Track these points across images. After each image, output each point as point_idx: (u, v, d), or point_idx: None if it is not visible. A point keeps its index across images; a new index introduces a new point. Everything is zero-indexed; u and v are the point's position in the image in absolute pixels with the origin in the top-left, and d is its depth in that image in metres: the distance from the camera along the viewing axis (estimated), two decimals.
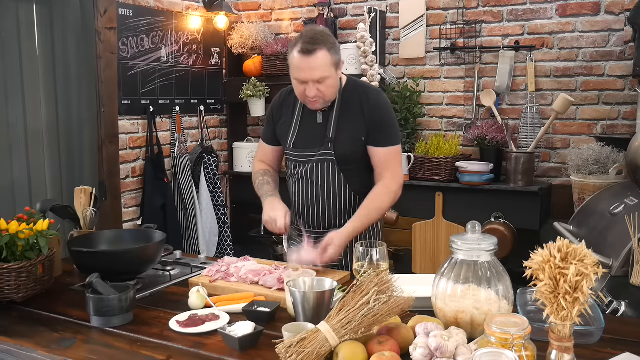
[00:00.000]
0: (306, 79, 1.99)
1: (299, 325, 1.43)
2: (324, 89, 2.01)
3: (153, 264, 1.95)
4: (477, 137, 3.65)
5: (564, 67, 3.53)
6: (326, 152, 2.13)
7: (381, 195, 2.09)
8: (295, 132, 2.19)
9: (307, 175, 2.17)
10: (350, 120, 2.11)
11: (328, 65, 1.98)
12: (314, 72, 1.97)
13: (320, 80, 1.98)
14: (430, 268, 3.68)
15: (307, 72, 1.97)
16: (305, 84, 2.00)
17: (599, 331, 1.45)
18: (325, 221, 2.19)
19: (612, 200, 2.60)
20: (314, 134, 2.15)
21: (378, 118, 2.11)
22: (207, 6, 4.12)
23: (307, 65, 1.96)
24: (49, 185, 3.37)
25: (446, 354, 1.26)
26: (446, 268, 1.50)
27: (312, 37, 1.97)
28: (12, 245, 1.75)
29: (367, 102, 2.12)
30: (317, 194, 2.16)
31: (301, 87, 2.03)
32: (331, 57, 1.99)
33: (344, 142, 2.11)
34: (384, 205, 2.10)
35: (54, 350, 1.46)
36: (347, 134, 2.11)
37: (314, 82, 1.99)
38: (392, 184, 2.11)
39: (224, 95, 4.37)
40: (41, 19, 3.26)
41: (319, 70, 1.97)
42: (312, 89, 2.00)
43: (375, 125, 2.10)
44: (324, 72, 1.98)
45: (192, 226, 3.93)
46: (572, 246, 1.20)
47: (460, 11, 3.75)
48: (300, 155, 2.18)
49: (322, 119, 2.15)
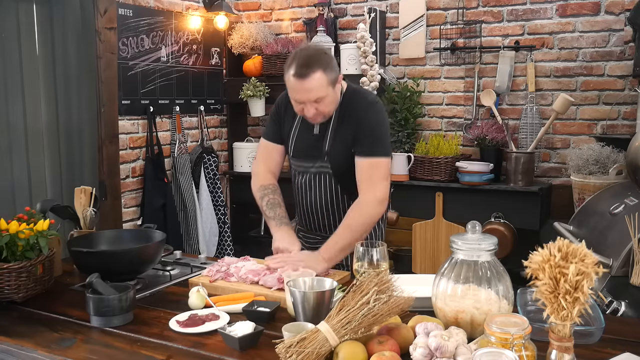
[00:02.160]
0: (302, 100, 1.97)
1: (299, 325, 1.43)
2: (322, 107, 2.00)
3: (153, 264, 1.95)
4: (477, 137, 3.65)
5: (564, 67, 3.53)
6: (322, 165, 2.14)
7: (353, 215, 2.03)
8: (294, 142, 2.19)
9: (306, 185, 2.20)
10: (345, 133, 2.08)
11: (324, 85, 1.95)
12: (310, 94, 1.95)
13: (317, 100, 1.97)
14: (430, 268, 3.68)
15: (302, 94, 1.96)
16: (303, 104, 1.99)
17: (599, 331, 1.45)
18: (324, 228, 2.22)
19: (612, 200, 2.60)
20: (310, 145, 2.15)
21: (365, 128, 2.05)
22: (207, 6, 4.12)
23: (302, 88, 1.94)
24: (49, 185, 3.37)
25: (446, 353, 1.26)
26: (446, 268, 1.50)
27: (306, 59, 1.93)
28: (12, 245, 1.75)
29: (357, 110, 2.07)
30: (316, 201, 2.19)
31: (299, 106, 2.01)
32: (326, 77, 1.95)
33: (339, 155, 2.10)
34: (354, 222, 2.02)
35: (54, 350, 1.45)
36: (343, 146, 2.09)
37: (311, 102, 1.97)
38: (366, 201, 2.03)
39: (224, 95, 4.37)
40: (41, 19, 3.26)
41: (315, 92, 1.94)
42: (310, 108, 1.99)
43: (362, 134, 2.05)
44: (320, 92, 1.95)
45: (192, 226, 3.93)
46: (572, 246, 1.20)
47: (460, 11, 3.75)
48: (298, 165, 2.21)
49: (318, 131, 2.14)
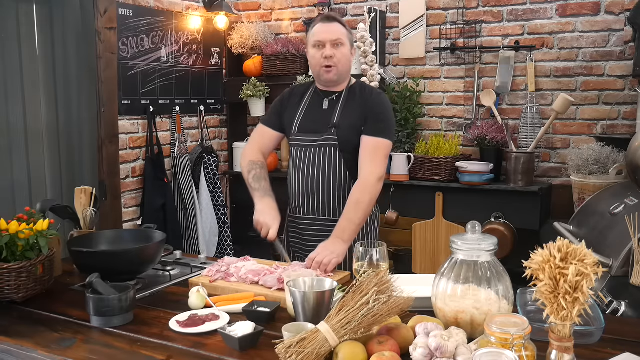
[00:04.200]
0: (325, 39, 2.18)
1: (299, 325, 1.43)
2: (339, 55, 2.19)
3: (153, 264, 1.95)
4: (477, 137, 3.65)
5: (564, 67, 3.53)
6: (329, 137, 2.23)
7: (359, 190, 2.14)
8: (301, 117, 2.30)
9: (310, 159, 2.24)
10: (353, 111, 2.23)
11: (344, 34, 2.21)
12: (332, 34, 2.18)
13: (337, 42, 2.18)
14: (430, 268, 3.68)
15: (325, 34, 2.18)
16: (323, 47, 2.18)
17: (599, 331, 1.45)
18: (324, 208, 2.25)
19: (612, 200, 2.60)
20: (319, 119, 2.26)
21: (375, 110, 2.23)
22: (207, 6, 4.12)
23: (326, 30, 2.19)
24: (49, 185, 3.37)
25: (446, 354, 1.26)
26: (446, 268, 1.50)
27: (331, 15, 2.25)
28: (12, 245, 1.75)
29: (369, 96, 2.26)
30: (317, 179, 2.24)
31: (319, 52, 2.20)
32: (347, 31, 2.23)
33: (346, 129, 2.21)
34: (362, 198, 2.12)
35: (54, 350, 1.45)
36: (350, 122, 2.22)
37: (331, 43, 2.17)
38: (370, 177, 2.15)
39: (224, 95, 4.37)
40: (41, 19, 3.26)
41: (337, 33, 2.19)
42: (330, 50, 2.18)
43: (371, 115, 2.21)
44: (341, 36, 2.19)
45: (192, 226, 3.93)
46: (572, 246, 1.20)
47: (460, 11, 3.75)
48: (304, 139, 2.27)
49: (327, 106, 2.27)
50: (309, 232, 2.28)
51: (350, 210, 2.11)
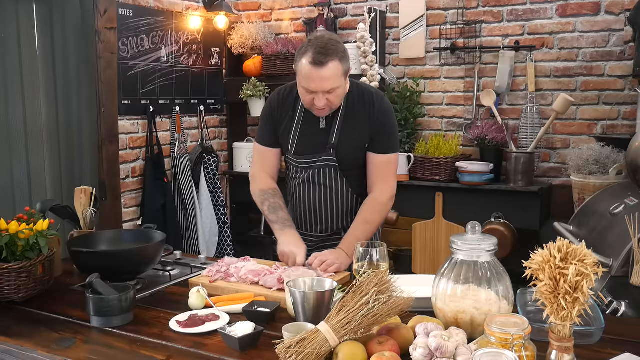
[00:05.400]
0: (316, 89, 1.94)
1: (299, 325, 1.43)
2: (333, 98, 1.98)
3: (153, 264, 1.95)
4: (477, 137, 3.65)
5: (564, 67, 3.53)
6: (328, 158, 2.12)
7: (369, 210, 2.08)
8: (296, 138, 2.15)
9: (310, 180, 2.16)
10: (355, 127, 2.09)
11: (339, 75, 1.94)
12: (325, 84, 1.92)
13: (330, 91, 1.95)
14: (430, 268, 3.68)
15: (317, 83, 1.92)
16: (314, 93, 1.96)
17: (599, 331, 1.45)
18: (327, 225, 2.20)
19: (612, 200, 2.60)
20: (316, 140, 2.12)
21: (382, 125, 2.10)
22: (207, 6, 4.12)
23: (317, 76, 1.91)
24: (49, 185, 3.37)
25: (446, 354, 1.26)
26: (446, 268, 1.50)
27: (324, 47, 1.90)
28: (12, 245, 1.75)
29: (373, 108, 2.09)
30: (320, 198, 2.17)
31: (309, 96, 1.99)
32: (342, 67, 1.94)
33: (347, 148, 2.10)
34: (373, 218, 2.08)
35: (54, 350, 1.45)
36: (351, 140, 2.10)
37: (323, 92, 1.95)
38: (381, 197, 2.10)
39: (224, 95, 4.37)
40: (41, 19, 3.26)
41: (330, 81, 1.92)
42: (322, 99, 1.96)
43: (379, 133, 2.09)
44: (335, 83, 1.94)
45: (192, 226, 3.93)
46: (572, 246, 1.20)
47: (460, 11, 3.75)
48: (302, 161, 2.16)
49: (324, 124, 2.12)
50: (312, 249, 2.17)
51: (358, 229, 2.06)
